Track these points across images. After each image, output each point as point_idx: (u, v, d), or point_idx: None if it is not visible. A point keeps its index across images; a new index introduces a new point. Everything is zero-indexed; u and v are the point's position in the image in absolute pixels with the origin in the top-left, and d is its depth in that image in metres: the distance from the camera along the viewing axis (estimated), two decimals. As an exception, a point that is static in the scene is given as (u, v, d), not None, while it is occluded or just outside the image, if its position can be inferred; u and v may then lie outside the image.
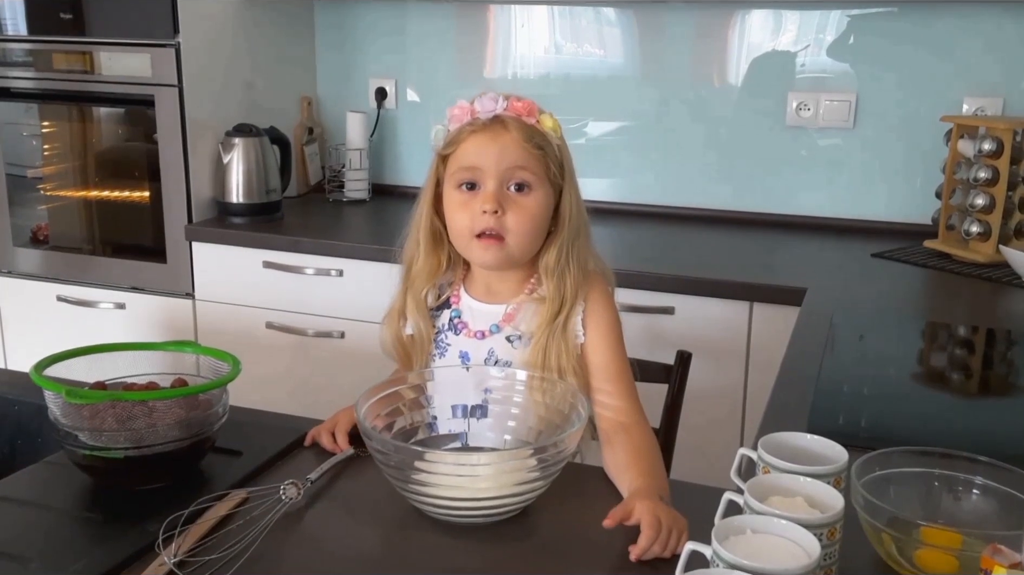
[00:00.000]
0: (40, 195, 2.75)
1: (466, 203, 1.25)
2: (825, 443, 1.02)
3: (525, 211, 1.24)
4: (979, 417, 1.44)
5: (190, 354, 1.30)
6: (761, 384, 1.94)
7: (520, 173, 1.24)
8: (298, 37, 2.89)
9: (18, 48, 2.61)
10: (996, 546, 0.83)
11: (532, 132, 1.25)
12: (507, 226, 1.24)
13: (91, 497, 1.14)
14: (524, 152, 1.23)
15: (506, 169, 1.23)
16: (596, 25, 2.68)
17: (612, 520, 1.03)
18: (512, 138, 1.23)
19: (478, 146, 1.24)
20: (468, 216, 1.25)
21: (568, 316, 1.27)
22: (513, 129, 1.24)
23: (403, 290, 1.35)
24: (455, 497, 1.05)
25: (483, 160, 1.23)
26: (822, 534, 0.87)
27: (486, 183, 1.24)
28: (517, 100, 1.25)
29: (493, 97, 1.25)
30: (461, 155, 1.25)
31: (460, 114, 1.26)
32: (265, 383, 2.31)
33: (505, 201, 1.24)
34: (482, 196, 1.24)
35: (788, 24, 2.50)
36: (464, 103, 1.26)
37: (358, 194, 2.81)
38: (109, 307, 2.62)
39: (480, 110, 1.25)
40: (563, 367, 1.25)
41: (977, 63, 2.35)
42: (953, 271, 2.10)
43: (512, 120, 1.24)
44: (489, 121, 1.24)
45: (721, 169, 2.62)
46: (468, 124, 1.25)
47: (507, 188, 1.24)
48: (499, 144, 1.23)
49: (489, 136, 1.24)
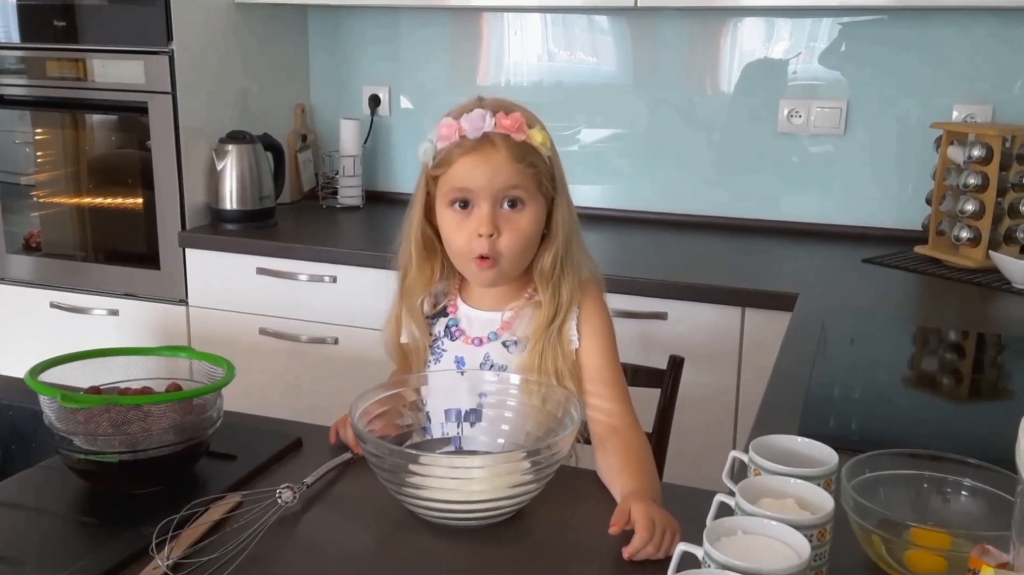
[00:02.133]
0: (33, 202, 2.75)
1: (461, 223, 1.25)
2: (815, 446, 1.03)
3: (518, 231, 1.25)
4: (968, 420, 1.45)
5: (184, 359, 1.30)
6: (753, 388, 1.95)
7: (512, 192, 1.24)
8: (291, 44, 2.90)
9: (11, 55, 2.61)
10: (984, 546, 0.83)
11: (522, 150, 1.23)
12: (500, 250, 1.24)
13: (86, 501, 1.14)
14: (515, 171, 1.22)
15: (498, 190, 1.23)
16: (589, 33, 2.69)
17: (616, 527, 1.04)
18: (503, 158, 1.22)
19: (468, 168, 1.22)
20: (464, 237, 1.25)
21: (564, 321, 1.28)
22: (503, 148, 1.22)
23: (399, 297, 1.36)
24: (449, 500, 1.05)
25: (475, 182, 1.23)
26: (812, 535, 0.88)
27: (479, 203, 1.24)
28: (505, 117, 1.22)
29: (480, 115, 1.22)
30: (452, 176, 1.24)
31: (448, 133, 1.23)
32: (259, 389, 2.31)
33: (499, 220, 1.24)
34: (476, 218, 1.24)
35: (780, 32, 2.51)
36: (451, 121, 1.23)
37: (352, 201, 2.81)
38: (103, 314, 2.61)
39: (468, 129, 1.22)
40: (559, 371, 1.26)
41: (967, 70, 2.37)
42: (943, 276, 2.11)
43: (501, 139, 1.22)
44: (478, 140, 1.22)
45: (713, 175, 2.63)
46: (456, 145, 1.23)
47: (500, 206, 1.24)
48: (490, 166, 1.22)
49: (480, 157, 1.22)
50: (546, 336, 1.27)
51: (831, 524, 0.91)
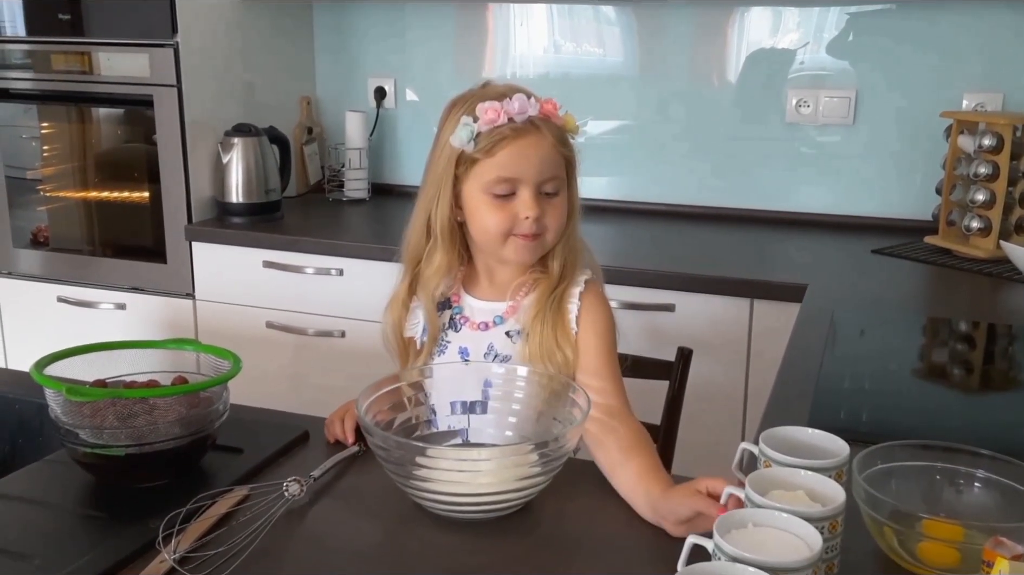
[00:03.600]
0: (40, 196, 2.75)
1: (501, 208, 1.24)
2: (826, 437, 1.02)
3: (559, 211, 1.27)
4: (980, 411, 1.44)
5: (190, 352, 1.30)
6: (762, 380, 1.94)
7: (553, 182, 1.25)
8: (297, 37, 2.89)
9: (17, 49, 2.61)
10: (998, 538, 0.83)
11: (562, 134, 1.26)
12: (546, 225, 1.26)
13: (92, 495, 1.14)
14: (559, 156, 1.25)
15: (544, 177, 1.24)
16: (595, 23, 2.68)
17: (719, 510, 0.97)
18: (549, 143, 1.23)
19: (517, 154, 1.22)
20: (505, 219, 1.24)
21: (564, 291, 1.28)
22: (548, 133, 1.23)
23: (407, 281, 1.35)
24: (457, 493, 1.05)
25: (523, 170, 1.23)
26: (824, 527, 0.87)
27: (522, 190, 1.24)
28: (544, 100, 1.24)
29: (523, 99, 1.21)
30: (496, 164, 1.22)
31: (494, 116, 1.21)
32: (265, 383, 2.30)
33: (541, 203, 1.25)
34: (522, 203, 1.24)
35: (787, 22, 2.50)
36: (493, 103, 1.21)
37: (358, 193, 2.81)
38: (109, 308, 2.61)
39: (516, 112, 1.21)
40: (559, 341, 1.26)
41: (977, 59, 2.35)
42: (953, 267, 2.10)
43: (544, 123, 1.23)
44: (523, 124, 1.22)
45: (721, 166, 2.62)
46: (503, 128, 1.21)
47: (540, 192, 1.25)
48: (539, 152, 1.23)
49: (528, 143, 1.22)
50: (547, 305, 1.27)
51: (843, 516, 0.90)
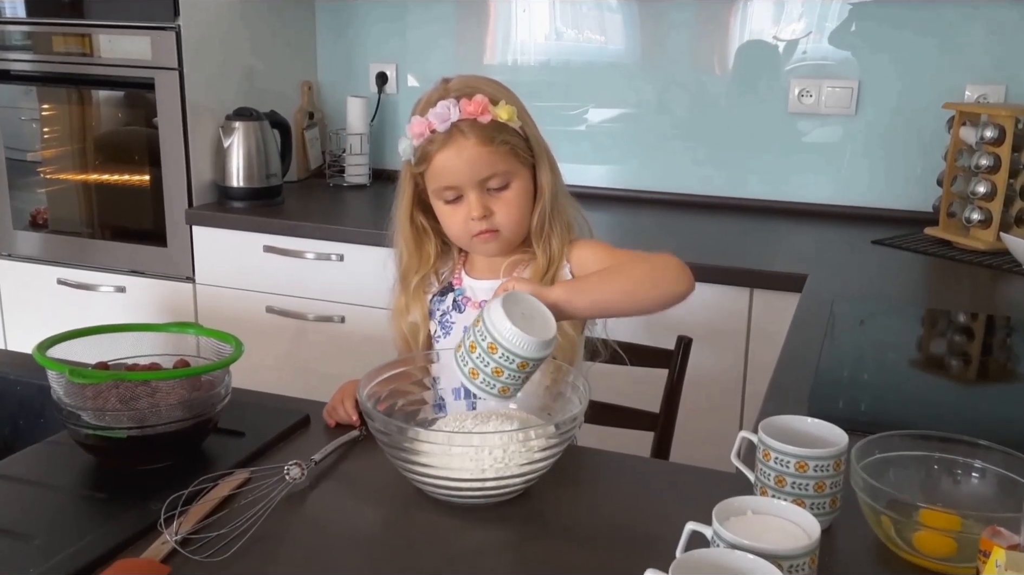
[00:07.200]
0: (40, 178, 2.75)
1: (454, 211, 1.30)
2: (825, 426, 1.02)
3: (510, 204, 1.30)
4: (978, 402, 1.44)
5: (192, 335, 1.30)
6: (761, 369, 1.94)
7: (494, 175, 1.27)
8: (299, 21, 2.88)
9: (17, 31, 2.60)
10: (995, 528, 0.83)
11: (492, 131, 1.26)
12: (498, 223, 1.29)
13: (94, 476, 1.15)
14: (490, 153, 1.26)
15: (480, 177, 1.27)
16: (597, 11, 2.67)
17: None
18: (474, 144, 1.25)
19: (446, 162, 1.26)
20: (460, 222, 1.30)
21: (556, 272, 1.32)
22: (472, 135, 1.25)
23: (401, 287, 1.39)
24: (457, 477, 1.05)
25: (456, 177, 1.27)
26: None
27: (467, 193, 1.28)
28: (468, 102, 1.24)
29: (445, 106, 1.24)
30: (435, 174, 1.28)
31: (420, 130, 1.26)
32: (265, 368, 2.31)
33: (490, 201, 1.29)
34: (467, 206, 1.28)
35: (790, 11, 2.49)
36: (420, 119, 1.26)
37: (358, 179, 2.81)
38: (109, 290, 2.62)
39: (437, 123, 1.24)
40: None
41: (979, 50, 2.35)
42: (954, 258, 2.10)
43: (468, 125, 1.24)
44: (448, 132, 1.25)
45: (723, 156, 2.62)
46: (428, 141, 1.26)
47: (486, 190, 1.28)
48: (465, 156, 1.25)
49: (453, 150, 1.25)
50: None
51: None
